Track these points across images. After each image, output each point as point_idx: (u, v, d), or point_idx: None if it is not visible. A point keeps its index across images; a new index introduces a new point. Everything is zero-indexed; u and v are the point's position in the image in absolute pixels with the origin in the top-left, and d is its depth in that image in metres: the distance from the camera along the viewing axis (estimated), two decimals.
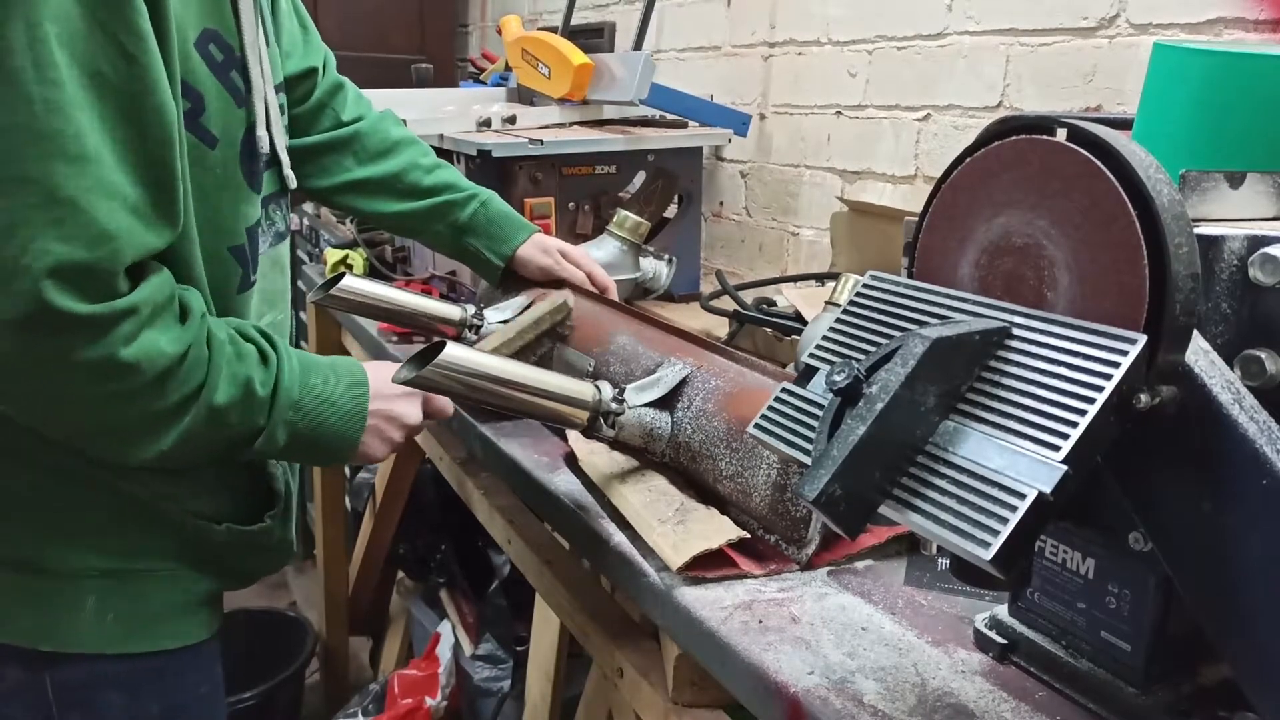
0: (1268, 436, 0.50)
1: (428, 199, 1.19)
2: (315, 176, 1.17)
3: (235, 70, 0.83)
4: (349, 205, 1.21)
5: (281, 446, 0.82)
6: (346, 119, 1.18)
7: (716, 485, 0.88)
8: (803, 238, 1.84)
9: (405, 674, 1.97)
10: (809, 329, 0.95)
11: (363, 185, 1.18)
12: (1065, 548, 0.64)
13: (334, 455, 0.87)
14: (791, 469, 0.80)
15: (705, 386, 0.91)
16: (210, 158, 0.82)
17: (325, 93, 1.17)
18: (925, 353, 0.49)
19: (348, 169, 1.18)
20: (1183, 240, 0.49)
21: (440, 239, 1.22)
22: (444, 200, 1.19)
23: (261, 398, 0.80)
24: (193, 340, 0.76)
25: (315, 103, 1.16)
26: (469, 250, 1.21)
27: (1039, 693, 0.65)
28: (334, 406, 0.84)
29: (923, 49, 1.55)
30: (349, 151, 1.18)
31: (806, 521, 0.80)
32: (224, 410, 0.78)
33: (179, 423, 0.76)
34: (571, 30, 2.01)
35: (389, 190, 1.19)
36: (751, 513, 0.84)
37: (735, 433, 0.85)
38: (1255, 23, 1.11)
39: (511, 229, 1.21)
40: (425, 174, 1.20)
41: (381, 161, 1.19)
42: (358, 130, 1.18)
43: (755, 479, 0.82)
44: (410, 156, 1.20)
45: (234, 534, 0.91)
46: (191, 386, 0.76)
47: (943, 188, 0.61)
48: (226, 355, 0.79)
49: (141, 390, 0.73)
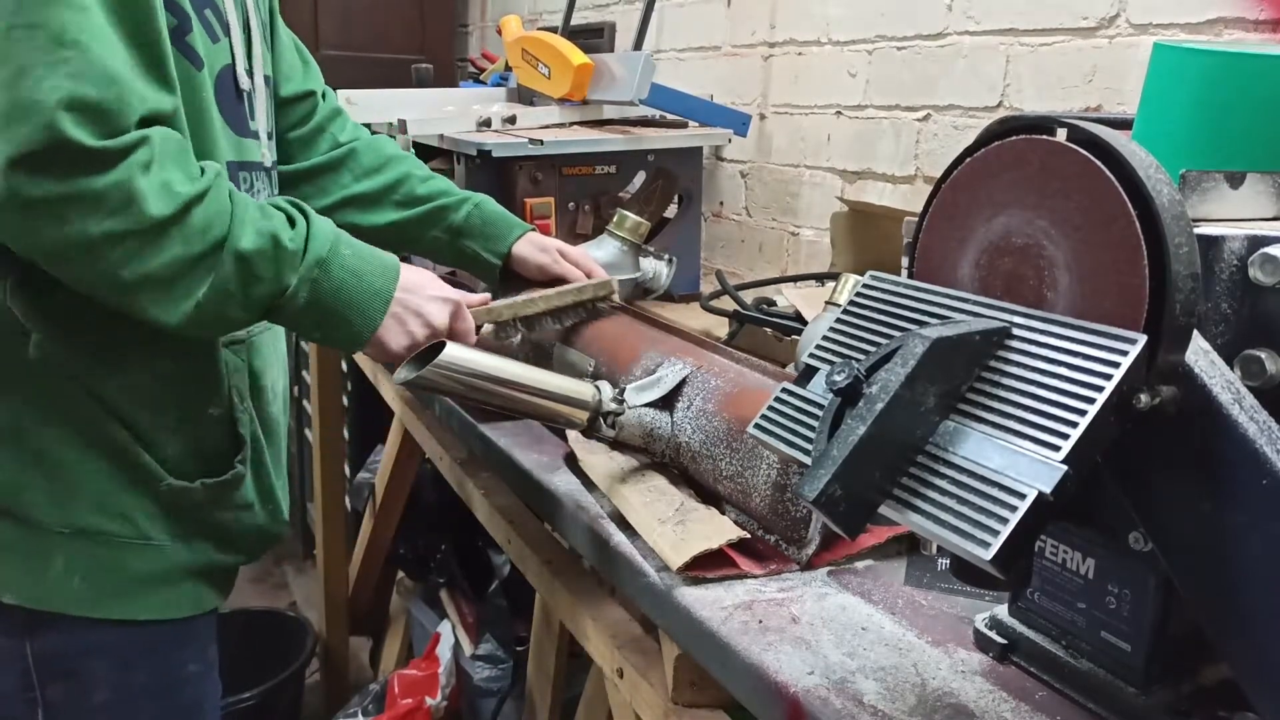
0: (1268, 436, 0.50)
1: (423, 206, 1.21)
2: (314, 196, 1.18)
3: (210, 10, 0.88)
4: (349, 222, 1.19)
5: (301, 306, 0.82)
6: (343, 140, 1.21)
7: (716, 485, 0.88)
8: (803, 238, 1.84)
9: (405, 674, 1.97)
10: (809, 329, 0.95)
11: (360, 199, 1.20)
12: (1065, 548, 0.64)
13: (351, 333, 0.86)
14: (791, 469, 0.80)
15: (705, 386, 0.91)
16: (196, 79, 0.85)
17: (324, 118, 1.20)
18: (925, 353, 0.49)
19: (345, 185, 1.20)
20: (1183, 240, 0.49)
21: (438, 245, 1.23)
22: (438, 205, 1.21)
23: (290, 250, 0.81)
24: (211, 186, 0.77)
25: (314, 126, 1.19)
26: (466, 253, 1.22)
27: (1039, 693, 0.65)
28: (360, 280, 0.85)
29: (923, 49, 1.55)
30: (345, 169, 1.21)
31: (806, 522, 0.81)
32: (252, 258, 0.78)
33: (208, 274, 0.77)
34: (571, 30, 2.01)
35: (385, 202, 1.21)
36: (751, 513, 0.84)
37: (735, 433, 0.85)
38: (1255, 23, 1.11)
39: (506, 227, 1.22)
40: (420, 183, 1.22)
41: (377, 175, 1.21)
42: (354, 148, 1.21)
43: (755, 479, 0.82)
44: (405, 168, 1.23)
45: (210, 491, 0.91)
46: (216, 233, 0.77)
47: (943, 188, 0.61)
48: (250, 208, 0.80)
49: (163, 229, 0.74)
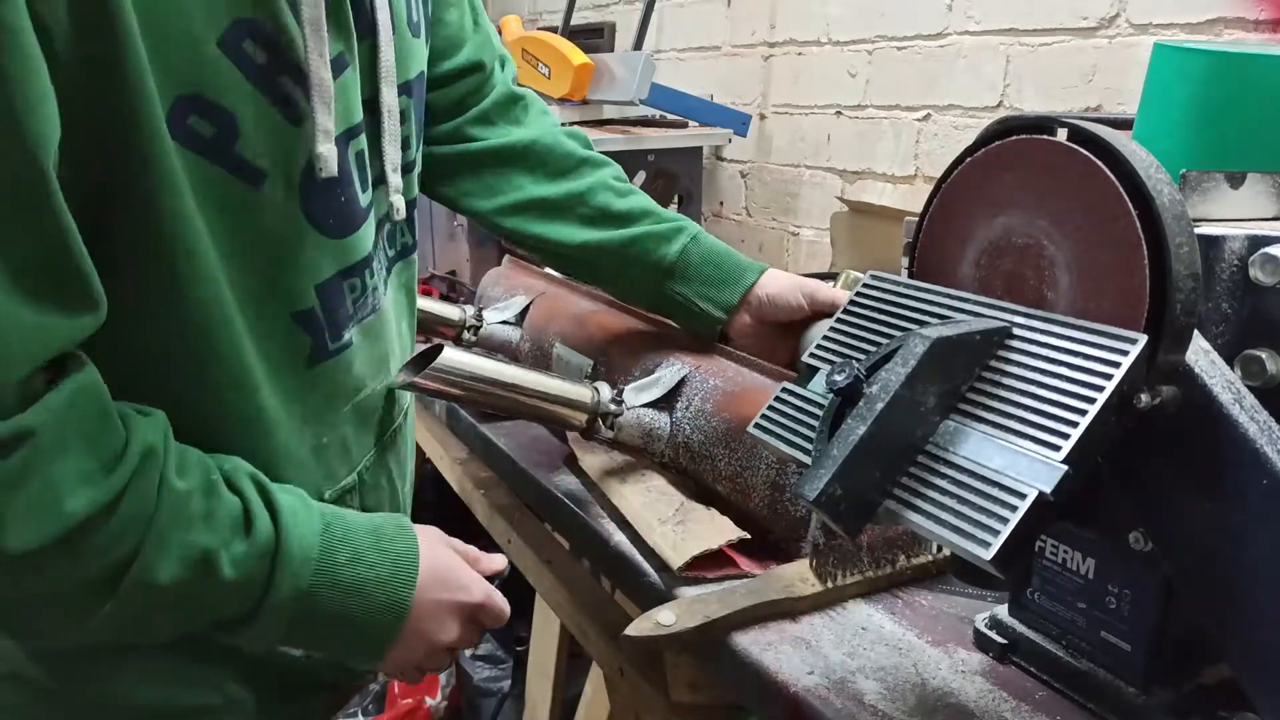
0: (1268, 436, 0.50)
1: (623, 228, 0.94)
2: (478, 195, 0.94)
3: (287, 75, 0.59)
4: (519, 230, 0.95)
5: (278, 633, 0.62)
6: (523, 131, 0.95)
7: (715, 485, 0.88)
8: (803, 238, 1.84)
9: None
10: (810, 329, 0.95)
11: (538, 205, 0.94)
12: (1065, 548, 0.64)
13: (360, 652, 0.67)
14: (789, 469, 0.80)
15: (704, 386, 0.91)
16: (256, 198, 0.59)
17: (498, 100, 0.95)
18: (925, 353, 0.49)
19: (519, 187, 0.94)
20: (1183, 240, 0.48)
21: (636, 287, 0.97)
22: (643, 231, 0.94)
23: (229, 582, 0.58)
24: (123, 488, 0.53)
25: (480, 112, 0.94)
26: (677, 300, 0.95)
27: (1039, 693, 0.65)
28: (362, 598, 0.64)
29: (923, 49, 1.55)
30: (523, 167, 0.95)
31: (805, 522, 0.80)
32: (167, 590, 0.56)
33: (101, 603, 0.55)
34: (571, 30, 2.01)
35: (570, 213, 0.94)
36: (750, 513, 0.84)
37: (734, 433, 0.85)
38: (1255, 23, 1.11)
39: (735, 270, 0.94)
40: (617, 197, 0.95)
41: (562, 180, 0.95)
42: (536, 142, 0.95)
43: (754, 479, 0.82)
44: (599, 176, 0.96)
45: None
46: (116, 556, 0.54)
47: (943, 188, 0.60)
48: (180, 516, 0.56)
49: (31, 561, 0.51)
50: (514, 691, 1.73)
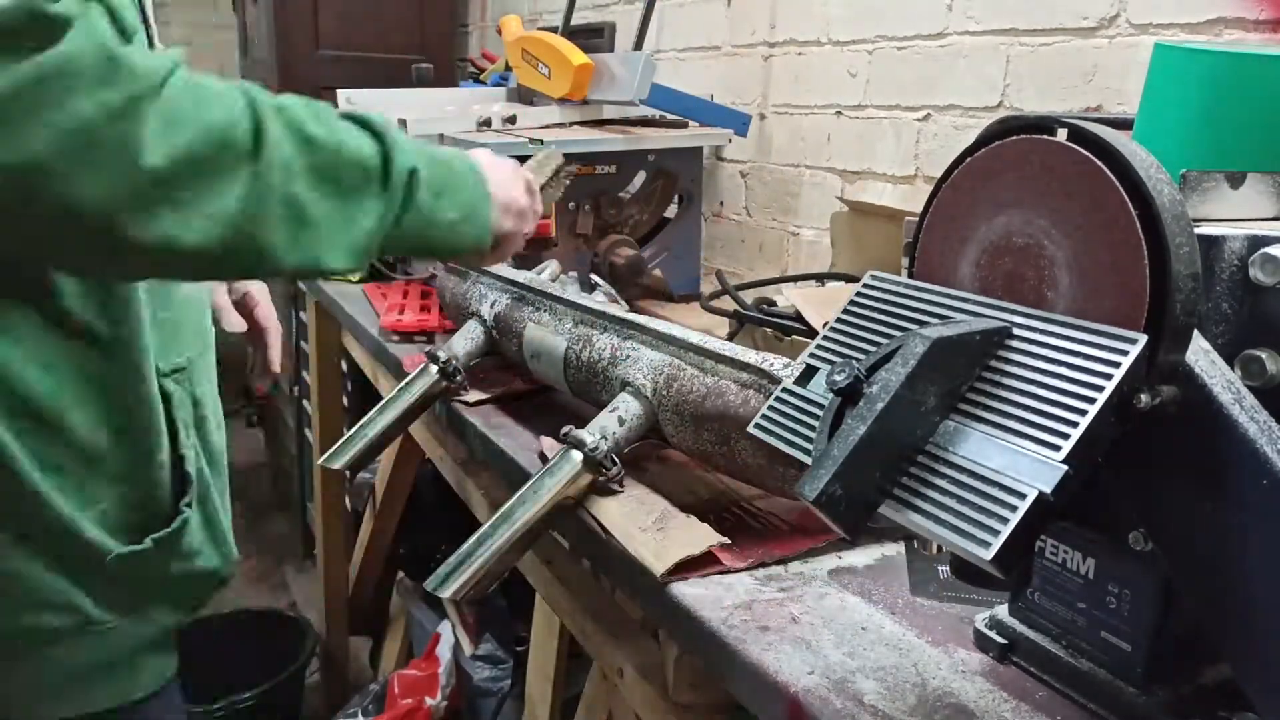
0: (1268, 436, 0.50)
1: None
2: None
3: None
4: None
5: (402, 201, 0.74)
6: None
7: (706, 457, 0.89)
8: (803, 238, 1.84)
9: (405, 674, 1.97)
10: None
11: None
12: (1065, 548, 0.64)
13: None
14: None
15: (679, 389, 0.92)
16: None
17: None
18: (925, 352, 0.49)
19: None
20: (1183, 240, 0.49)
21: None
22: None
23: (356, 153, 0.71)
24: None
25: None
26: None
27: (1039, 693, 0.65)
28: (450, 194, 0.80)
29: (923, 49, 1.55)
30: None
31: (795, 476, 0.81)
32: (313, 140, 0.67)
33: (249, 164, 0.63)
34: (571, 30, 2.01)
35: None
36: (747, 476, 0.86)
37: (711, 419, 0.86)
38: (1255, 23, 1.11)
39: None
40: None
41: None
42: None
43: (738, 444, 0.84)
44: None
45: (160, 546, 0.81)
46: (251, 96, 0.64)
47: (943, 188, 0.61)
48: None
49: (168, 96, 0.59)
50: (514, 691, 1.73)
